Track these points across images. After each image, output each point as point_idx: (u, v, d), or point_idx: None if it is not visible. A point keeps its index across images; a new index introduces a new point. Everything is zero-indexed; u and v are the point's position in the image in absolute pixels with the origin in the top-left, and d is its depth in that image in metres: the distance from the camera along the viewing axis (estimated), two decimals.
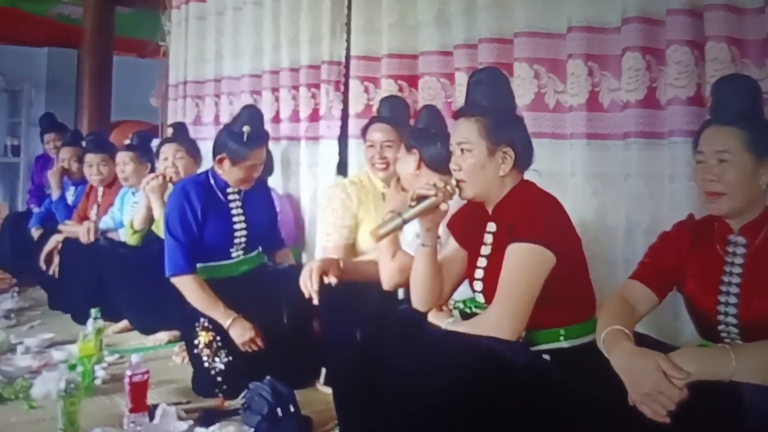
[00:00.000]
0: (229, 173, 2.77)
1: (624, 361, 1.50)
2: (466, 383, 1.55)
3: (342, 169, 3.61)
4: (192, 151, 3.44)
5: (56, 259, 3.92)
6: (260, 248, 2.98)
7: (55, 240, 3.99)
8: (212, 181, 2.81)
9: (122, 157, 3.73)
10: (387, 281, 2.27)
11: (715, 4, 2.18)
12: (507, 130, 1.85)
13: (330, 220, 2.86)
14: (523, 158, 1.89)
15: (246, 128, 2.69)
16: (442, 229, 2.02)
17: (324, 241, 2.90)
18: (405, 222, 1.83)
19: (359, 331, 2.00)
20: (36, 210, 4.79)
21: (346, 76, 3.62)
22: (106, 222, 3.82)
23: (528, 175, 1.95)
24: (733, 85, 1.69)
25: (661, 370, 1.43)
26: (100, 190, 4.08)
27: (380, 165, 2.79)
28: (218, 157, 2.75)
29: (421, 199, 1.83)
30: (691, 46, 2.26)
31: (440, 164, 2.24)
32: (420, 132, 2.39)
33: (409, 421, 1.65)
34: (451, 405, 1.56)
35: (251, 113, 2.80)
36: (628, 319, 1.66)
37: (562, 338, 1.79)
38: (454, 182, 1.85)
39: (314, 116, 3.80)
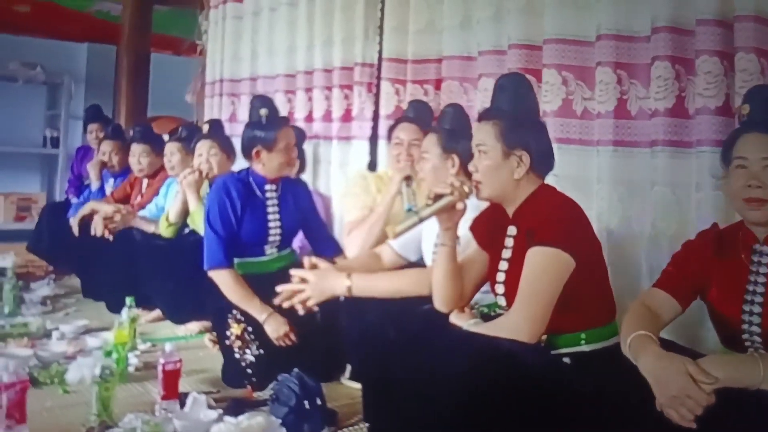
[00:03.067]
0: (269, 163, 2.81)
1: (652, 365, 1.50)
2: (485, 385, 1.57)
3: (372, 168, 3.66)
4: (226, 147, 3.49)
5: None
6: (292, 247, 3.03)
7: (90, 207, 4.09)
8: (251, 179, 2.86)
9: (170, 147, 3.84)
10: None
11: (745, 16, 2.19)
12: (523, 134, 1.87)
13: (351, 201, 3.05)
14: (541, 163, 1.90)
15: (263, 111, 2.78)
16: (463, 231, 2.05)
17: (346, 219, 3.06)
18: (421, 220, 1.86)
19: (382, 330, 2.05)
20: (74, 200, 4.89)
21: (378, 77, 3.68)
22: (150, 209, 3.90)
23: (547, 180, 1.97)
24: None
25: (688, 375, 1.43)
26: (145, 181, 4.17)
27: (406, 162, 2.86)
28: (254, 151, 2.80)
29: (437, 197, 1.86)
30: (721, 56, 2.26)
31: None
32: (458, 135, 2.40)
33: (428, 421, 1.67)
34: (470, 406, 1.58)
35: (262, 100, 2.90)
36: (653, 325, 1.66)
37: (583, 342, 1.80)
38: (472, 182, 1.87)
39: (347, 116, 3.86)
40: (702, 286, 1.77)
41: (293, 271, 2.35)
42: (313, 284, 2.28)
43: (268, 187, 2.88)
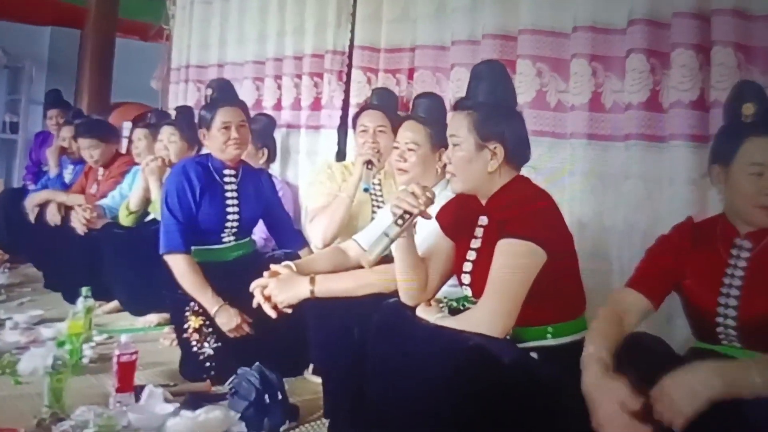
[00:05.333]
0: (210, 144, 2.79)
1: (589, 385, 1.48)
2: (452, 379, 1.54)
3: (340, 158, 3.61)
4: (187, 135, 3.42)
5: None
6: (252, 236, 2.99)
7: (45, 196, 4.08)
8: (210, 163, 2.82)
9: (138, 133, 3.80)
10: None
11: (723, 9, 2.19)
12: (497, 126, 1.81)
13: (316, 189, 3.00)
14: (516, 155, 1.85)
15: (208, 91, 2.80)
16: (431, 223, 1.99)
17: (310, 206, 3.03)
18: (392, 241, 1.81)
19: (347, 324, 1.99)
20: (32, 187, 4.80)
21: (349, 66, 3.62)
22: (113, 197, 3.80)
23: (523, 171, 1.92)
24: None
25: (620, 403, 1.39)
26: (101, 170, 4.07)
27: (371, 149, 2.79)
28: (200, 133, 2.81)
29: (403, 215, 1.80)
30: (697, 50, 2.26)
31: None
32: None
33: (395, 416, 1.65)
34: (437, 401, 1.55)
35: (217, 82, 2.93)
36: (612, 336, 1.61)
37: (549, 336, 1.78)
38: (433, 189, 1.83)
39: (316, 105, 3.81)
40: (677, 279, 1.75)
41: (254, 284, 2.27)
42: (275, 293, 2.20)
43: (226, 172, 2.84)
